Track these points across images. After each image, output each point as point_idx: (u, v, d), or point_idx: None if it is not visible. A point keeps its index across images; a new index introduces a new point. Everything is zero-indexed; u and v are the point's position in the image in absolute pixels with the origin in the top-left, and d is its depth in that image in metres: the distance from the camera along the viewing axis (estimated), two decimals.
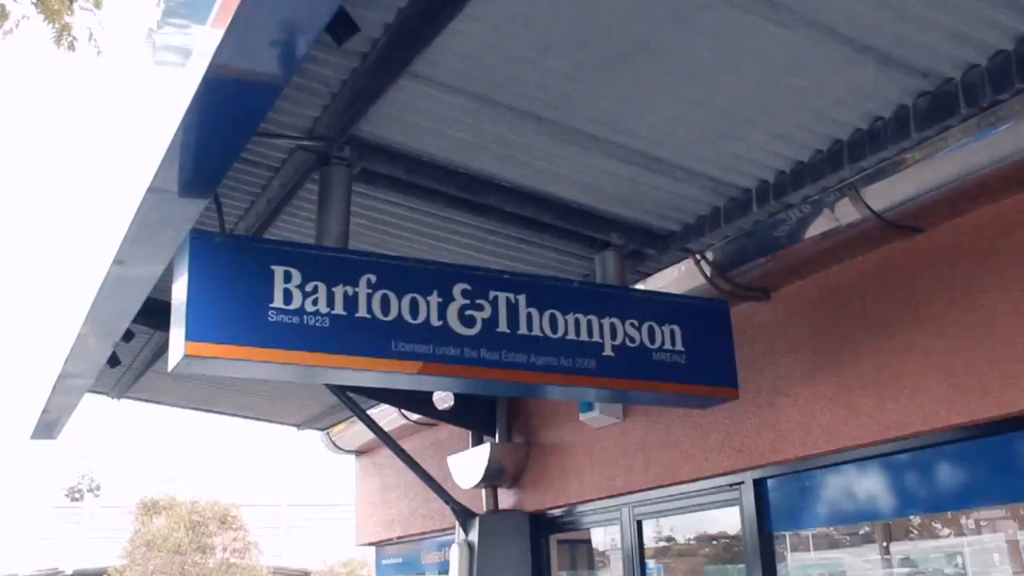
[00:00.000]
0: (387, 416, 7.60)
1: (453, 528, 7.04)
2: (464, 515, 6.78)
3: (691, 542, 9.14)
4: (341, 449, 9.19)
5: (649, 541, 6.29)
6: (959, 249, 4.14)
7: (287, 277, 3.78)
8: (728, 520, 5.49)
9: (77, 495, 58.55)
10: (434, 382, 4.18)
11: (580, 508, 6.43)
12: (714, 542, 8.78)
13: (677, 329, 4.56)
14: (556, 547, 6.90)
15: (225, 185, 4.20)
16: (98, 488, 63.64)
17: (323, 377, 4.17)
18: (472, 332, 4.07)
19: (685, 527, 8.87)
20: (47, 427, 6.65)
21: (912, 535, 4.63)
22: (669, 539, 9.02)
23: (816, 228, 4.32)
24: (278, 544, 28.76)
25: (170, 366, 3.75)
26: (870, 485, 4.66)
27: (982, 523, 4.38)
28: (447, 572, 6.96)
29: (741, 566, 5.21)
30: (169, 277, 3.76)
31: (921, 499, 4.49)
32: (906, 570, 4.53)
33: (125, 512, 28.23)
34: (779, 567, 5.03)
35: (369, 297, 3.90)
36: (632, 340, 4.43)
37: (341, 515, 25.19)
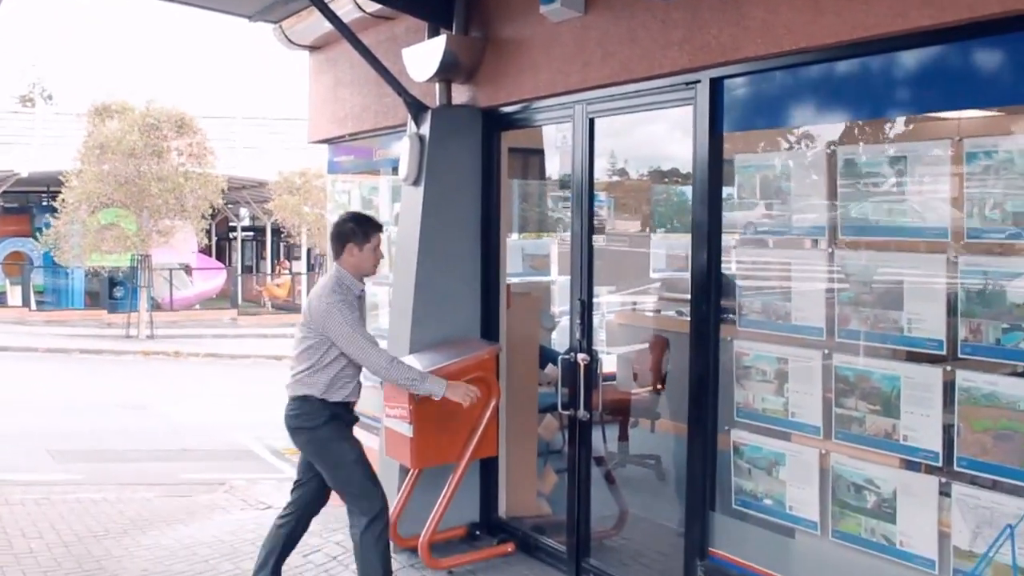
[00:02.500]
0: (343, 7, 7.33)
1: (404, 125, 7.01)
2: (416, 108, 6.72)
3: (643, 177, 9.26)
4: (294, 44, 8.94)
5: (602, 174, 6.25)
6: None
7: None
8: (680, 153, 5.39)
9: (29, 103, 58.01)
10: None
11: (534, 105, 6.36)
12: (665, 179, 8.91)
13: None
14: (507, 153, 6.91)
15: None
16: (50, 96, 63.01)
17: None
18: None
19: (637, 160, 8.95)
20: None
21: (859, 139, 4.64)
22: (622, 172, 9.13)
23: None
24: (233, 156, 28.94)
25: None
26: (828, 87, 4.61)
27: (932, 129, 4.39)
28: (397, 169, 7.00)
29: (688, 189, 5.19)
30: None
31: (877, 103, 4.45)
32: (850, 173, 4.57)
33: (77, 117, 28.04)
34: (726, 166, 5.07)
35: None
36: None
37: (296, 130, 25.17)
